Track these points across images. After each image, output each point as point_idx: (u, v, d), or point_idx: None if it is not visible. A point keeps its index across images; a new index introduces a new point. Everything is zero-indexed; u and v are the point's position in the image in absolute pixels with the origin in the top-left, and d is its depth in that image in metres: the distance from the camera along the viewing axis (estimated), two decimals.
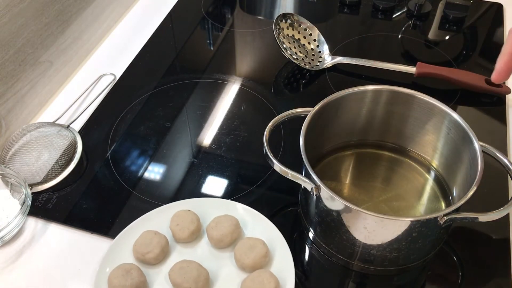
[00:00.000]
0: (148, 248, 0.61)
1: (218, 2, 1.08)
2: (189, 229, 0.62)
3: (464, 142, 0.60)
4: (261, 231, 0.63)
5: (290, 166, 0.59)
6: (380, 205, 0.66)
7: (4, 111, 0.77)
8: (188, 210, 0.64)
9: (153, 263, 0.61)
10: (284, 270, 0.59)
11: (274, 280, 0.57)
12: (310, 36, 0.92)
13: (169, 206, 0.66)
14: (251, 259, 0.59)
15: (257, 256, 0.59)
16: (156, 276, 0.61)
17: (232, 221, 0.63)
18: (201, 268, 0.59)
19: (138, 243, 0.61)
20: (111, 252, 0.62)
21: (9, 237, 0.66)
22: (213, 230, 0.62)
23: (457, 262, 0.64)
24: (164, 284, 0.60)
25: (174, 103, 0.85)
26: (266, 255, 0.60)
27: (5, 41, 0.74)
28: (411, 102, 0.66)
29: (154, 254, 0.60)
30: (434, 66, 0.85)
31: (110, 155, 0.77)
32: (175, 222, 0.63)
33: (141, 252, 0.61)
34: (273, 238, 0.62)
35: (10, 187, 0.71)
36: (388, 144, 0.72)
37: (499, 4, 1.04)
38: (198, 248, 0.63)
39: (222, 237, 0.61)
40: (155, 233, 0.62)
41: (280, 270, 0.59)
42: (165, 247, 0.62)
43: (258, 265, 0.59)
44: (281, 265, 0.60)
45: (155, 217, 0.65)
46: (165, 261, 0.62)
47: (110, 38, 0.99)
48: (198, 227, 0.63)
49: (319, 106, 0.63)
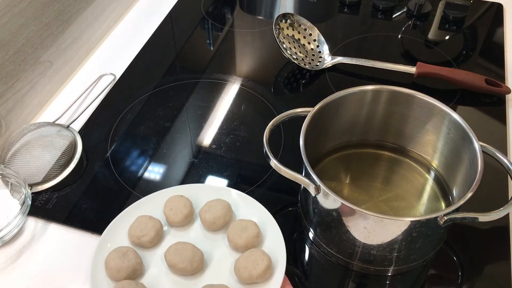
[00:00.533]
0: (143, 231, 0.62)
1: (218, 2, 1.08)
2: (182, 213, 0.63)
3: (464, 142, 0.60)
4: (253, 214, 0.64)
5: (290, 166, 0.59)
6: (380, 205, 0.66)
7: (4, 111, 0.77)
8: (181, 196, 0.65)
9: (148, 246, 0.63)
10: (275, 249, 0.60)
11: (266, 258, 0.58)
12: (310, 36, 0.92)
13: (162, 192, 0.68)
14: (243, 239, 0.60)
15: (249, 236, 0.60)
16: (152, 258, 0.62)
17: (224, 204, 0.64)
18: (196, 249, 0.60)
19: (133, 227, 0.63)
20: (106, 237, 0.63)
21: (9, 237, 0.66)
22: (205, 214, 0.63)
23: (457, 262, 0.64)
24: (160, 265, 0.61)
25: (174, 103, 0.85)
26: (258, 235, 0.61)
27: (5, 41, 0.74)
28: (411, 102, 0.66)
29: (149, 237, 0.62)
30: (434, 66, 0.85)
31: (110, 155, 0.77)
32: (168, 207, 0.64)
33: (136, 236, 0.62)
34: (264, 219, 0.63)
35: (10, 187, 0.71)
36: (388, 144, 0.72)
37: (499, 4, 1.04)
38: (192, 231, 0.65)
39: (215, 220, 0.63)
40: (150, 218, 0.63)
41: (272, 249, 0.60)
42: (160, 231, 0.63)
43: (250, 245, 0.60)
44: (273, 245, 0.61)
45: (149, 203, 0.66)
46: (160, 244, 0.63)
47: (110, 38, 0.99)
48: (191, 211, 0.65)
49: (319, 106, 0.63)
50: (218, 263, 0.61)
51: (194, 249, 0.60)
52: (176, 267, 0.59)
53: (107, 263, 0.59)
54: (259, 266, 0.57)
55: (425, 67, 0.85)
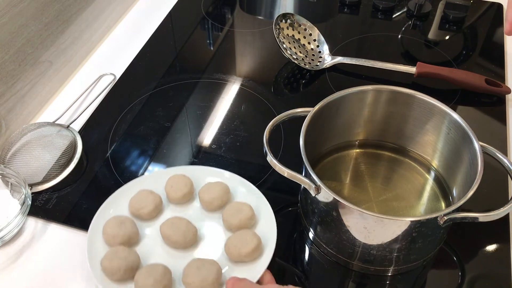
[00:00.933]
0: (143, 204, 0.65)
1: (218, 2, 1.08)
2: (182, 191, 0.66)
3: (464, 142, 0.60)
4: (249, 198, 0.67)
5: (290, 166, 0.59)
6: (380, 205, 0.66)
7: (4, 111, 0.77)
8: (183, 175, 0.68)
9: (146, 218, 0.65)
10: (267, 232, 0.62)
11: (256, 239, 0.60)
12: (310, 36, 0.92)
13: (166, 170, 0.71)
14: (237, 220, 0.63)
15: (243, 218, 0.63)
16: (148, 230, 0.65)
17: (222, 186, 0.66)
18: (190, 224, 0.63)
19: (134, 199, 0.66)
20: (108, 205, 0.66)
21: (9, 237, 0.66)
22: (204, 193, 0.66)
23: (457, 262, 0.64)
24: (155, 237, 0.64)
25: (174, 103, 0.85)
26: (252, 218, 0.63)
27: (5, 41, 0.74)
28: (411, 102, 0.66)
29: (148, 210, 0.65)
30: (434, 66, 0.85)
31: (110, 155, 0.77)
32: (169, 184, 0.67)
33: (136, 207, 0.65)
34: (260, 204, 0.65)
35: (10, 187, 0.71)
36: (388, 144, 0.72)
37: (499, 4, 1.04)
38: (190, 209, 0.67)
39: (212, 200, 0.65)
40: (151, 192, 0.66)
41: (263, 232, 0.62)
42: (159, 205, 0.66)
43: (243, 226, 0.63)
44: (265, 228, 0.63)
45: (152, 179, 0.69)
46: (157, 217, 0.66)
47: (110, 38, 0.99)
48: (191, 190, 0.67)
49: (319, 106, 0.63)
50: (210, 240, 0.64)
51: (188, 225, 0.63)
52: (169, 239, 0.62)
53: (105, 229, 0.62)
54: (249, 246, 0.59)
55: (425, 67, 0.85)
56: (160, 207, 0.66)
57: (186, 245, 0.62)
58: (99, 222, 0.64)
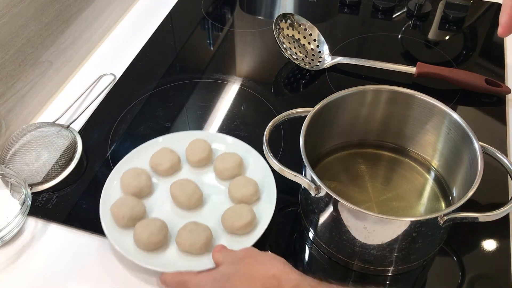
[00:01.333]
0: (161, 161, 0.70)
1: (218, 2, 1.08)
2: (199, 155, 0.71)
3: (464, 142, 0.60)
4: (259, 174, 0.69)
5: (290, 166, 0.59)
6: (380, 205, 0.66)
7: (4, 111, 0.77)
8: (204, 141, 0.72)
9: (162, 175, 0.71)
10: (264, 211, 0.65)
11: (251, 215, 0.63)
12: (310, 36, 0.92)
13: (193, 133, 0.76)
14: (240, 194, 0.66)
15: (246, 193, 0.66)
16: (161, 186, 0.70)
17: (236, 159, 0.70)
18: (198, 189, 0.67)
19: (155, 155, 0.71)
20: (130, 158, 0.72)
21: (9, 237, 0.66)
22: (218, 162, 0.70)
23: (457, 262, 0.64)
24: (165, 193, 0.69)
25: (174, 103, 0.85)
26: (254, 195, 0.67)
27: (5, 41, 0.74)
28: (411, 102, 0.66)
29: (164, 167, 0.70)
30: (434, 66, 0.85)
31: (110, 155, 0.77)
32: (190, 147, 0.72)
33: (154, 163, 0.71)
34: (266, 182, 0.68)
35: (10, 187, 0.71)
36: (388, 144, 0.72)
37: (499, 4, 1.03)
38: (204, 174, 0.72)
39: (224, 170, 0.69)
40: (171, 151, 0.71)
41: (261, 210, 0.66)
42: (175, 165, 0.71)
43: (245, 201, 0.66)
44: (264, 207, 0.66)
45: (175, 140, 0.74)
46: (173, 175, 0.71)
47: (110, 38, 0.99)
48: (209, 157, 0.72)
49: (319, 106, 0.63)
50: (213, 208, 0.68)
51: (196, 189, 0.67)
52: (176, 198, 0.67)
53: (122, 179, 0.68)
54: (242, 220, 0.62)
55: (425, 67, 0.85)
56: (176, 166, 0.71)
57: (189, 207, 0.67)
58: (121, 169, 0.70)
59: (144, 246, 0.62)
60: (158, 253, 0.63)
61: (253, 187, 0.67)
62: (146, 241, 0.61)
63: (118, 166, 0.70)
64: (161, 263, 0.61)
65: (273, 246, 0.65)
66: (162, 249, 0.63)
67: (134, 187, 0.67)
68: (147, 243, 0.61)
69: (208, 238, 0.62)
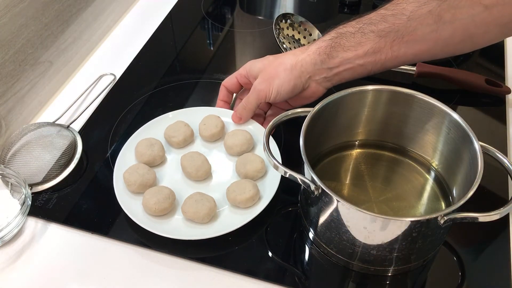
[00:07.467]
0: (175, 133, 0.73)
1: (218, 2, 1.08)
2: (211, 131, 0.73)
3: (464, 142, 0.60)
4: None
5: (290, 166, 0.59)
6: (380, 205, 0.65)
7: (4, 111, 0.77)
8: (218, 117, 0.75)
9: (175, 147, 0.74)
10: (268, 188, 0.68)
11: (254, 190, 0.65)
12: (310, 36, 0.92)
13: (208, 108, 0.78)
14: (245, 169, 0.69)
15: (251, 169, 0.68)
16: (173, 157, 0.74)
17: (245, 136, 0.72)
18: (206, 162, 0.70)
19: (170, 127, 0.74)
20: (146, 128, 0.75)
21: (9, 237, 0.66)
22: (228, 138, 0.73)
23: (457, 262, 0.64)
24: (176, 164, 0.72)
25: (174, 103, 0.85)
26: (259, 171, 0.69)
27: (5, 41, 0.74)
28: (411, 102, 0.66)
29: (177, 140, 0.73)
30: (434, 66, 0.85)
31: (110, 155, 0.77)
32: (204, 121, 0.74)
33: (168, 134, 0.74)
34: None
35: (10, 187, 0.71)
36: (388, 144, 0.72)
37: None
38: (215, 148, 0.75)
39: (233, 145, 0.72)
40: (185, 124, 0.74)
41: (265, 186, 0.68)
42: (188, 138, 0.74)
43: (249, 176, 0.68)
44: (268, 183, 0.68)
45: (191, 113, 0.77)
46: (185, 147, 0.75)
47: (110, 38, 0.99)
48: (220, 132, 0.74)
49: (319, 106, 0.63)
50: (220, 181, 0.71)
51: (205, 162, 0.70)
52: (185, 169, 0.70)
53: (136, 148, 0.72)
54: (245, 194, 0.65)
55: (425, 67, 0.85)
56: (189, 139, 0.74)
57: (197, 179, 0.70)
58: (137, 137, 0.73)
59: (151, 212, 0.65)
60: (165, 219, 0.66)
61: (259, 164, 0.69)
62: (153, 207, 0.64)
63: (134, 135, 0.74)
64: (166, 229, 0.64)
65: (273, 246, 0.65)
66: (169, 216, 0.66)
67: (147, 156, 0.70)
68: (154, 209, 0.64)
69: (212, 209, 0.64)
